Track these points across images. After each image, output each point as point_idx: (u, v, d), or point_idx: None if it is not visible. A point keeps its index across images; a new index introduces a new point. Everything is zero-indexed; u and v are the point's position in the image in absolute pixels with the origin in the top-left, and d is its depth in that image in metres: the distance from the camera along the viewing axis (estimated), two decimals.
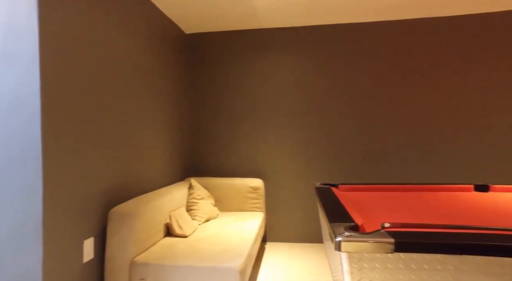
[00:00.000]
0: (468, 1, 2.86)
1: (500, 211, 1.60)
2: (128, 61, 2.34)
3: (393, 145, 3.27)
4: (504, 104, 3.12)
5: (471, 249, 1.00)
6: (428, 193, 2.06)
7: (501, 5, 2.96)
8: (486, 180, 3.05)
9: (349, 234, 1.08)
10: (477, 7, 3.00)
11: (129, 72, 2.35)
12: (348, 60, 3.34)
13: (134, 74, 2.43)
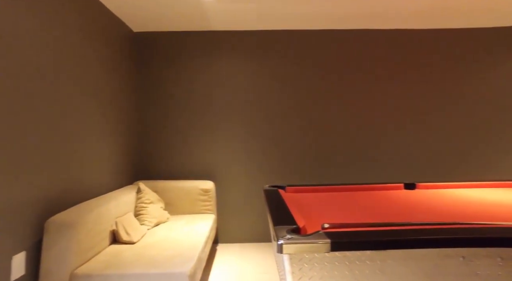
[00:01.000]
0: (406, 18, 3.17)
1: (423, 206, 1.82)
2: (65, 60, 2.19)
3: (336, 147, 3.49)
4: (431, 111, 3.52)
5: (392, 245, 1.13)
6: (366, 192, 2.25)
7: (433, 23, 3.33)
8: (414, 179, 3.42)
9: (290, 237, 1.16)
10: (415, 24, 3.34)
11: (66, 72, 2.20)
12: (296, 65, 3.48)
13: (72, 74, 2.28)
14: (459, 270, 1.18)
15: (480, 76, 3.54)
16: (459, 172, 3.53)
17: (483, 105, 3.54)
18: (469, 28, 3.52)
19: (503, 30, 3.54)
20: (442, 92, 3.53)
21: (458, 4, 2.88)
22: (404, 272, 1.18)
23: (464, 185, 2.43)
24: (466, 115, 3.54)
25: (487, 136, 3.55)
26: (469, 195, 2.13)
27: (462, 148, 3.53)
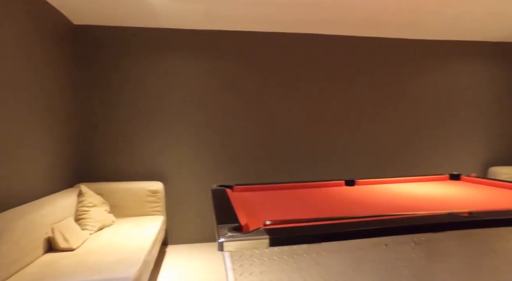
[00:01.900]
0: (352, 25, 3.39)
1: (360, 200, 1.98)
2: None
3: (283, 147, 3.62)
4: (370, 113, 3.81)
5: (326, 237, 1.22)
6: (309, 189, 2.38)
7: (376, 32, 3.61)
8: (355, 176, 3.69)
9: (231, 235, 1.20)
10: (359, 31, 3.59)
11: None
12: (245, 66, 3.54)
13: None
14: (383, 256, 1.32)
15: (413, 81, 3.92)
16: (395, 169, 3.88)
17: (416, 107, 3.93)
18: (409, 39, 3.88)
19: (434, 43, 3.96)
20: (381, 95, 3.84)
21: (400, 17, 3.16)
22: (337, 262, 1.29)
23: (398, 180, 2.68)
24: (401, 117, 3.90)
25: (419, 135, 3.94)
26: (401, 189, 2.36)
27: (398, 147, 3.89)
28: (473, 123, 4.12)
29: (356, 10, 3.01)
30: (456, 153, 4.07)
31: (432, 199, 2.00)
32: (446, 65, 4.02)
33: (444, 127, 4.03)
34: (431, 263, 1.38)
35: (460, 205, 1.80)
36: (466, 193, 2.16)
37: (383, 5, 2.89)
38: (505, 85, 4.22)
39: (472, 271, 1.44)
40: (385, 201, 1.95)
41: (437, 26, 3.51)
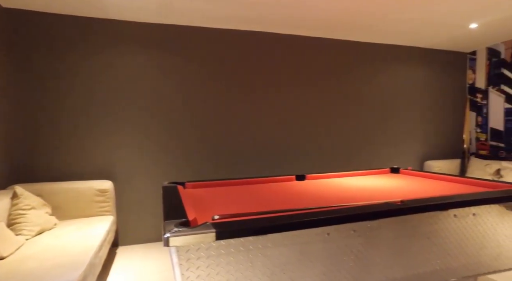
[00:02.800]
0: (308, 26, 3.50)
1: (309, 194, 2.07)
2: None
3: (237, 144, 3.65)
4: (322, 111, 3.99)
5: (271, 229, 1.27)
6: (261, 185, 2.43)
7: (330, 34, 3.76)
8: (304, 171, 3.84)
9: (177, 230, 1.19)
10: (315, 32, 3.71)
11: None
12: (197, 62, 3.50)
13: None
14: (326, 245, 1.40)
15: (361, 81, 4.17)
16: (343, 164, 4.11)
17: (363, 107, 4.19)
18: (358, 41, 4.11)
19: (381, 46, 4.24)
20: (331, 94, 4.03)
21: (349, 20, 3.34)
22: (283, 252, 1.34)
23: (345, 174, 2.84)
24: (349, 116, 4.13)
25: (364, 133, 4.21)
26: (346, 182, 2.51)
27: (345, 144, 4.12)
28: (413, 121, 4.50)
29: (310, 11, 3.12)
30: (397, 148, 4.42)
31: (373, 190, 2.16)
32: (390, 67, 4.34)
33: (387, 125, 4.35)
34: (369, 248, 1.49)
35: (396, 195, 1.97)
36: (403, 184, 2.36)
37: (336, 7, 3.04)
38: (438, 87, 4.67)
39: (405, 253, 1.59)
40: (331, 194, 2.06)
41: (384, 30, 3.77)
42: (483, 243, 1.75)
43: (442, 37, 4.08)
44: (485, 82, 4.64)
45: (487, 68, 4.60)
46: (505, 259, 1.84)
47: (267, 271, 1.31)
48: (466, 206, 1.66)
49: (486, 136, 4.62)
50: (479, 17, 3.40)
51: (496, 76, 4.49)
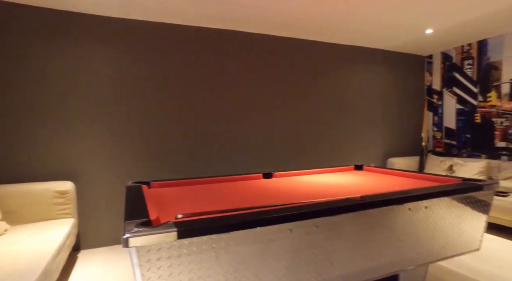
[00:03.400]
0: (268, 24, 3.53)
1: (275, 191, 2.10)
2: None
3: (204, 142, 3.63)
4: (288, 112, 4.06)
5: (234, 227, 1.28)
6: (228, 183, 2.44)
7: (291, 33, 3.83)
8: (271, 169, 3.90)
9: (138, 230, 1.16)
10: (276, 31, 3.76)
11: None
12: (162, 58, 3.43)
13: None
14: (289, 241, 1.43)
15: (325, 81, 4.29)
16: (310, 161, 4.21)
17: (329, 106, 4.32)
18: (321, 41, 4.22)
19: (344, 47, 4.39)
20: (297, 93, 4.12)
21: (307, 21, 3.42)
22: (246, 249, 1.35)
23: (311, 172, 2.92)
24: (315, 115, 4.24)
25: (331, 131, 4.35)
26: (312, 179, 2.58)
27: (312, 142, 4.23)
28: (377, 121, 4.71)
29: (273, 12, 3.16)
30: (362, 146, 4.60)
31: (336, 187, 2.24)
32: (356, 68, 4.50)
33: (353, 124, 4.52)
34: (331, 243, 1.55)
35: (357, 190, 2.06)
36: (364, 181, 2.47)
37: (295, 8, 3.10)
38: (399, 88, 4.93)
39: (366, 246, 1.66)
40: (296, 191, 2.11)
41: (349, 32, 3.91)
42: (433, 233, 1.88)
43: (402, 40, 4.30)
44: (440, 84, 4.96)
45: (442, 71, 4.93)
46: (452, 246, 1.99)
47: (230, 269, 1.31)
48: (419, 200, 1.77)
49: (441, 134, 4.95)
50: (434, 23, 3.63)
51: (449, 79, 4.82)
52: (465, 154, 4.61)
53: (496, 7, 3.18)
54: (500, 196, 3.35)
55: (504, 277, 2.43)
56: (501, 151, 4.18)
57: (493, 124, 4.26)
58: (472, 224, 2.05)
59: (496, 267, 2.61)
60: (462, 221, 2.00)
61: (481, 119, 4.40)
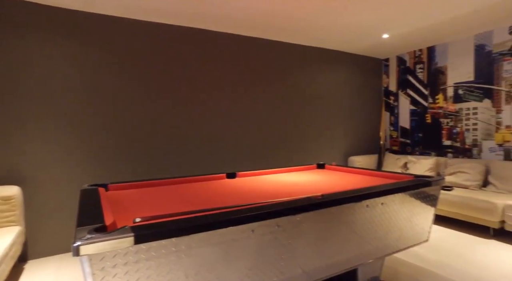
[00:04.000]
0: (239, 24, 3.50)
1: (238, 191, 2.09)
2: None
3: (165, 143, 3.53)
4: (252, 112, 4.08)
5: (195, 229, 1.25)
6: (190, 184, 2.38)
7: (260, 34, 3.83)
8: (235, 169, 3.89)
9: (90, 237, 1.09)
10: (247, 32, 3.74)
11: None
12: (121, 57, 3.28)
13: None
14: (251, 241, 1.43)
15: (288, 81, 4.36)
16: (274, 161, 4.26)
17: (292, 106, 4.40)
18: (286, 42, 4.27)
19: (307, 48, 4.49)
20: (260, 93, 4.14)
21: (275, 22, 3.45)
22: (207, 252, 1.33)
23: (275, 171, 2.94)
24: (279, 114, 4.30)
25: (294, 131, 4.43)
26: (276, 179, 2.60)
27: (277, 141, 4.28)
28: (339, 120, 4.89)
29: (236, 10, 3.15)
30: (326, 145, 4.75)
31: (298, 186, 2.28)
32: (316, 68, 4.63)
33: (317, 124, 4.65)
34: (293, 242, 1.57)
35: (318, 189, 2.11)
36: (326, 179, 2.55)
37: (259, 8, 3.11)
38: (359, 89, 5.15)
39: (327, 243, 1.71)
40: (259, 191, 2.12)
41: (310, 34, 4.00)
42: (389, 228, 1.99)
43: (361, 44, 4.50)
44: (396, 86, 5.26)
45: (397, 74, 5.23)
46: (405, 239, 2.11)
47: (192, 272, 1.28)
48: (376, 197, 1.86)
49: (397, 133, 5.26)
50: (389, 29, 3.84)
51: (404, 81, 5.13)
52: (417, 152, 4.94)
53: (441, 18, 3.44)
54: (446, 190, 3.64)
55: (450, 265, 2.64)
56: (447, 149, 4.53)
57: (441, 124, 4.60)
58: (422, 217, 2.20)
59: (442, 255, 2.82)
60: (413, 215, 2.13)
61: (431, 120, 4.74)
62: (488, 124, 4.07)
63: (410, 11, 3.27)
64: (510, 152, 3.87)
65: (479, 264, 2.66)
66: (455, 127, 4.42)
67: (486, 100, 4.07)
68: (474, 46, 4.17)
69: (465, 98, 4.30)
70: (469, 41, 4.22)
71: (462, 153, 4.35)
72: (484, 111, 4.11)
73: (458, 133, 4.40)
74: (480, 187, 3.79)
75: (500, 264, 2.65)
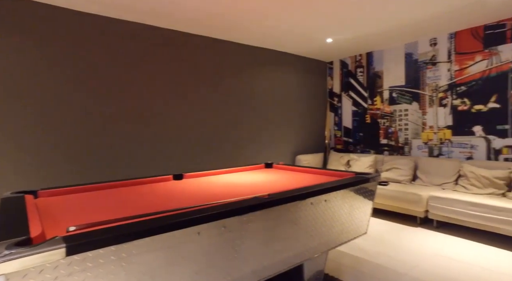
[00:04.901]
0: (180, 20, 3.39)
1: (186, 193, 2.03)
2: None
3: (103, 145, 3.31)
4: (200, 111, 4.01)
5: (134, 235, 1.18)
6: (134, 187, 2.26)
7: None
8: (181, 170, 3.81)
9: (8, 253, 0.97)
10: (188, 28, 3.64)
11: None
12: (59, 50, 3.00)
13: None
14: (197, 244, 1.40)
15: (246, 82, 4.38)
16: (222, 161, 4.25)
17: (240, 106, 4.42)
18: (240, 43, 4.27)
19: (260, 50, 4.54)
20: (208, 93, 4.10)
21: (224, 21, 3.42)
22: (151, 258, 1.27)
23: (223, 171, 2.93)
24: (228, 114, 4.29)
25: (243, 130, 4.46)
26: (224, 179, 2.59)
27: (225, 141, 4.27)
28: (287, 120, 5.03)
29: (186, 8, 3.07)
30: (274, 144, 4.86)
31: (246, 186, 2.30)
32: (263, 68, 4.71)
33: (265, 124, 4.73)
34: (240, 242, 1.58)
35: (265, 188, 2.15)
36: (273, 178, 2.60)
37: (198, 6, 3.07)
38: (306, 90, 5.37)
39: (274, 241, 1.75)
40: (206, 192, 2.09)
41: (258, 35, 4.05)
42: (331, 223, 2.10)
43: (307, 47, 4.69)
44: (339, 88, 5.59)
45: (340, 76, 5.56)
46: (347, 232, 2.26)
47: (134, 280, 1.21)
48: (319, 194, 1.95)
49: (341, 133, 5.59)
50: (332, 34, 4.06)
51: (346, 84, 5.47)
52: (359, 150, 5.31)
53: (377, 27, 3.74)
54: (383, 185, 3.97)
55: (385, 253, 2.88)
56: (384, 147, 4.95)
57: (379, 124, 5.01)
58: (361, 212, 2.36)
59: (379, 245, 3.08)
60: (353, 210, 2.28)
61: (370, 120, 5.12)
62: (416, 125, 4.53)
63: (350, 19, 3.49)
64: (433, 149, 4.35)
65: (408, 250, 2.95)
66: (390, 127, 4.84)
67: (415, 103, 4.53)
68: (405, 54, 4.60)
69: (398, 100, 4.73)
70: (400, 49, 4.65)
71: (396, 151, 4.78)
72: (413, 113, 4.56)
73: (393, 133, 4.82)
74: (411, 181, 4.20)
75: (424, 249, 2.97)
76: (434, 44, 4.28)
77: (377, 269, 2.59)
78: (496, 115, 3.77)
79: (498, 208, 3.02)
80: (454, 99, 4.13)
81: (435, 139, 4.33)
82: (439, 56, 4.23)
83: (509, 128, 3.68)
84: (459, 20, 3.62)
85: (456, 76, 4.09)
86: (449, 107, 4.18)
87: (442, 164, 3.99)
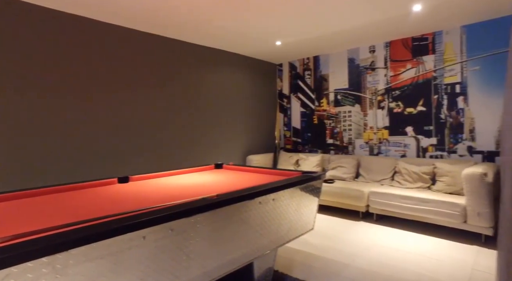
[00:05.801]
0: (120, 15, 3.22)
1: (133, 196, 1.94)
2: None
3: (45, 145, 3.04)
4: (144, 112, 3.86)
5: (70, 244, 1.10)
6: (75, 191, 2.10)
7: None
8: (127, 173, 3.63)
9: None
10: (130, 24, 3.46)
11: None
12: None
13: None
14: (142, 249, 1.35)
15: (198, 82, 4.30)
16: (171, 162, 4.14)
17: (197, 107, 4.34)
18: (189, 42, 4.17)
19: (211, 50, 4.49)
20: (154, 93, 3.96)
21: (175, 18, 3.32)
22: (90, 267, 1.19)
23: (172, 173, 2.85)
24: (175, 115, 4.19)
25: (192, 131, 4.39)
26: (173, 181, 2.52)
27: (172, 141, 4.16)
28: (238, 120, 5.06)
29: (132, 3, 2.93)
30: (224, 145, 4.86)
31: (195, 187, 2.27)
32: (211, 68, 4.69)
33: (216, 124, 4.71)
34: (188, 244, 1.55)
35: (214, 189, 2.15)
36: (223, 179, 2.61)
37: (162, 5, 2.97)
38: (256, 91, 5.46)
39: (223, 241, 1.75)
40: (154, 195, 2.02)
41: (210, 35, 4.02)
42: (280, 221, 2.17)
43: (257, 48, 4.77)
44: (288, 89, 5.77)
45: (289, 78, 5.75)
46: (294, 230, 2.35)
47: None
48: (267, 194, 2.00)
49: (290, 133, 5.78)
50: (281, 37, 4.18)
51: (295, 86, 5.67)
52: (307, 149, 5.54)
53: (323, 32, 3.95)
54: (329, 183, 4.20)
55: (332, 247, 3.05)
56: (330, 146, 5.23)
57: (325, 125, 5.28)
58: (308, 209, 2.48)
59: (326, 240, 3.25)
60: (300, 207, 2.38)
61: (317, 121, 5.38)
62: (358, 125, 4.87)
63: (297, 23, 3.64)
64: (373, 148, 4.72)
65: (351, 242, 3.17)
66: (336, 127, 5.14)
67: (357, 105, 4.87)
68: (348, 58, 4.93)
69: (342, 102, 5.04)
70: (344, 54, 4.97)
71: (341, 150, 5.09)
72: (356, 114, 4.89)
73: (338, 133, 5.12)
74: (354, 178, 4.50)
75: (366, 240, 3.21)
76: (373, 51, 4.64)
77: (325, 262, 2.73)
78: (423, 117, 4.22)
79: (424, 200, 3.39)
80: (390, 102, 4.53)
81: (374, 139, 4.70)
82: (377, 62, 4.61)
83: (433, 129, 4.15)
84: (391, 30, 3.98)
85: (392, 81, 4.49)
86: (386, 109, 4.57)
87: (381, 162, 4.34)
